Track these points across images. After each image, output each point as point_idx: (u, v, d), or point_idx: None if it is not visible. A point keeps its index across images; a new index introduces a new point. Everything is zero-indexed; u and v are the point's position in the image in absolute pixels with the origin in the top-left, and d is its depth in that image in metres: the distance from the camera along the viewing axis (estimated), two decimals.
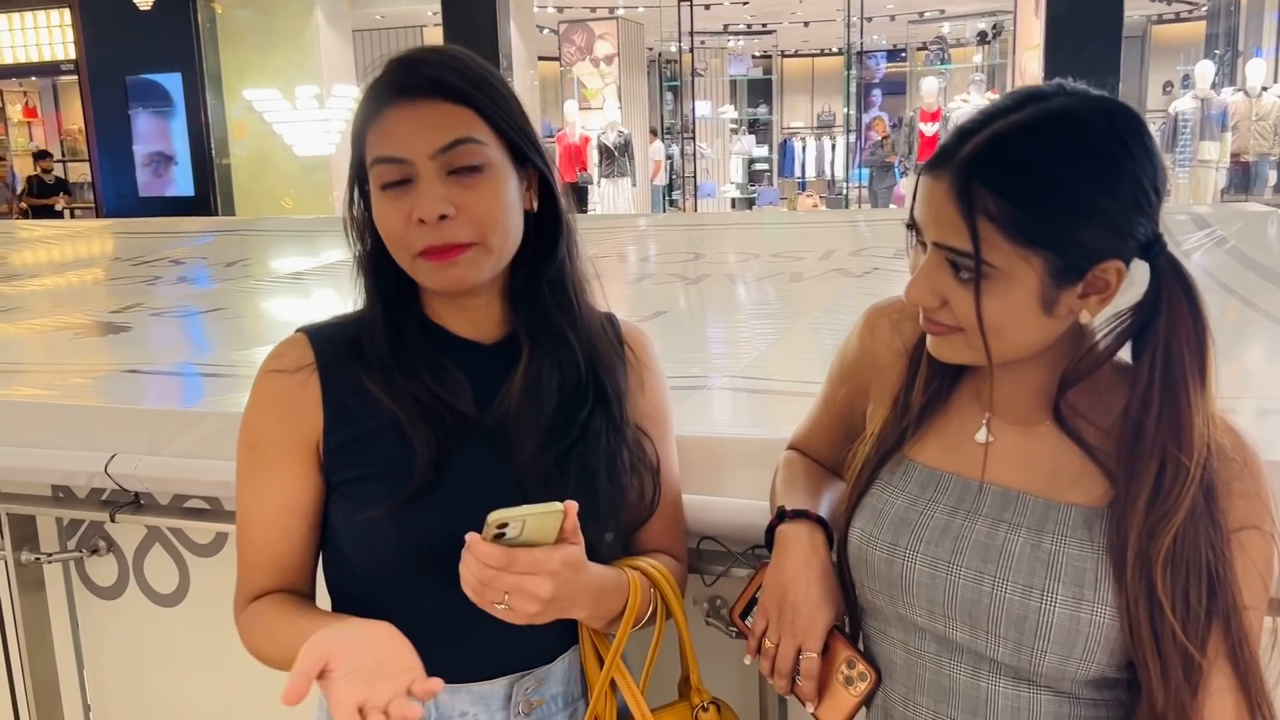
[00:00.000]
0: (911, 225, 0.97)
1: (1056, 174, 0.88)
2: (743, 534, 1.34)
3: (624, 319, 1.24)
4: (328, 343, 1.14)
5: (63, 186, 10.79)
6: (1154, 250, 0.91)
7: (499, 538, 0.95)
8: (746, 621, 1.15)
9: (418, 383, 1.09)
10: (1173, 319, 0.91)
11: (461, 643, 1.10)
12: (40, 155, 10.77)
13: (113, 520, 1.76)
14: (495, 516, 0.94)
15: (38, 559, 1.88)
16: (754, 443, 1.48)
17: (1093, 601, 0.93)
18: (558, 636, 1.15)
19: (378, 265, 1.12)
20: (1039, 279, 0.89)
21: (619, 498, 1.14)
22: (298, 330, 1.16)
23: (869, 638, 1.11)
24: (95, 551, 1.89)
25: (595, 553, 1.06)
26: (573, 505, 0.98)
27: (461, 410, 1.09)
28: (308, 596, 1.16)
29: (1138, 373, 0.93)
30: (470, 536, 0.95)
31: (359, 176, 1.10)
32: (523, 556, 0.95)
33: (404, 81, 1.05)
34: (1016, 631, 0.95)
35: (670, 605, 1.17)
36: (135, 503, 1.77)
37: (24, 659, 1.93)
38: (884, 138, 11.99)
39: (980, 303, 0.90)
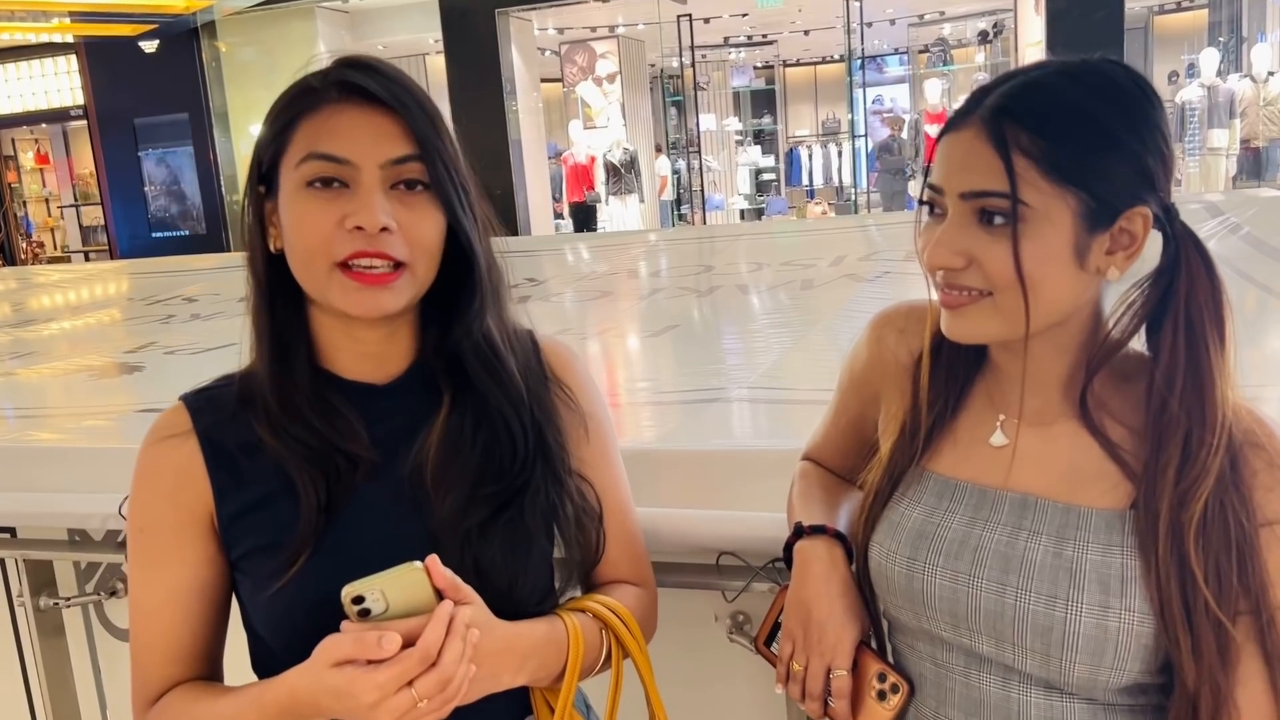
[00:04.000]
0: (924, 200, 0.95)
1: (1088, 112, 0.89)
2: (762, 547, 1.32)
3: (548, 335, 1.16)
4: (208, 405, 1.05)
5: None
6: (1169, 216, 0.91)
7: (365, 616, 0.87)
8: (772, 648, 1.12)
9: (305, 427, 1.00)
10: (1192, 283, 0.91)
11: None
12: None
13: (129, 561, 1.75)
14: (347, 591, 0.86)
15: (56, 604, 1.87)
16: (772, 454, 1.46)
17: (1119, 609, 0.90)
18: (514, 703, 1.05)
19: (272, 299, 1.03)
20: (1073, 221, 0.88)
21: (566, 552, 1.08)
22: (179, 399, 1.07)
23: (897, 652, 1.08)
24: (114, 594, 1.88)
25: (524, 614, 1.00)
26: (434, 559, 0.89)
27: (355, 453, 1.00)
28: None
29: (1160, 342, 0.92)
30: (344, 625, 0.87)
31: (263, 175, 1.01)
32: (404, 628, 0.86)
33: (357, 84, 0.97)
34: (1043, 643, 0.92)
35: (626, 646, 1.07)
36: None
37: (47, 704, 1.92)
38: (893, 134, 11.91)
39: (1017, 246, 0.88)
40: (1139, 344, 0.96)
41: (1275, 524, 0.89)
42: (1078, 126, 0.88)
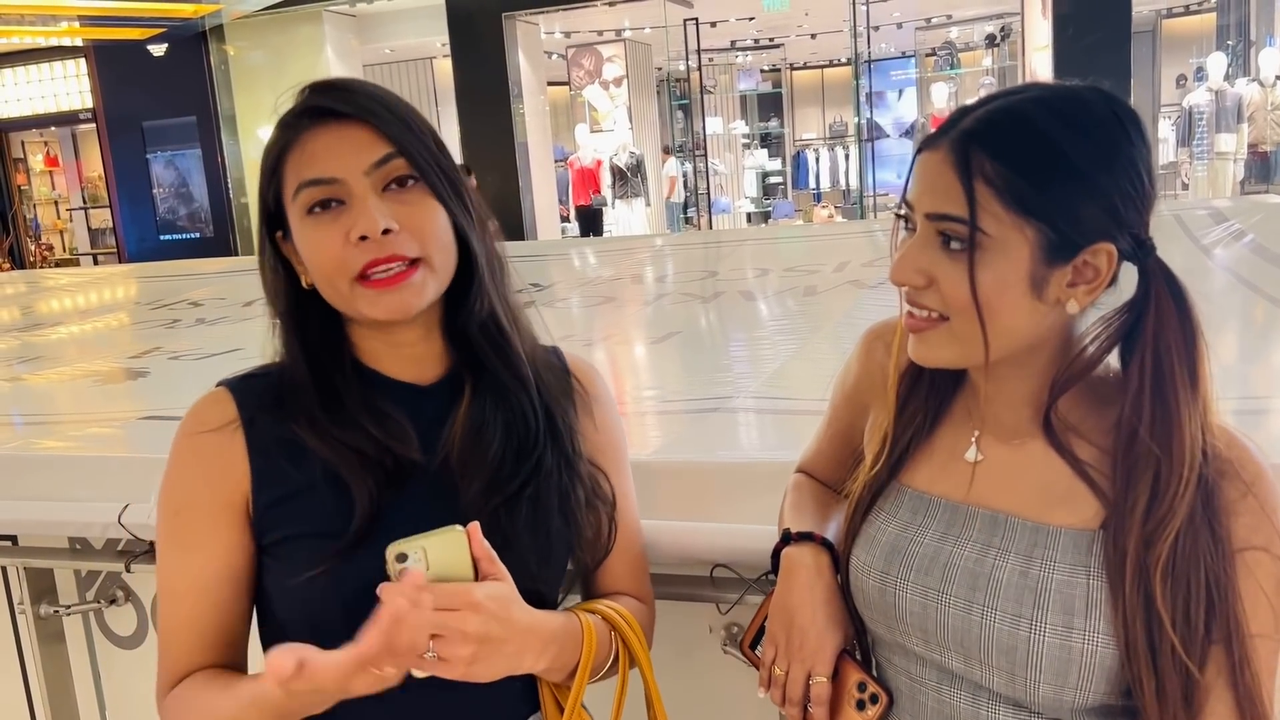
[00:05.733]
0: (900, 213, 0.95)
1: (1057, 144, 0.87)
2: (757, 560, 1.32)
3: (574, 353, 1.19)
4: (251, 395, 1.07)
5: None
6: (1143, 251, 0.90)
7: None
8: (757, 651, 1.12)
9: (359, 432, 1.02)
10: (1160, 320, 0.89)
11: (418, 714, 1.02)
12: None
13: (128, 570, 1.76)
14: (392, 549, 0.91)
15: (57, 611, 1.88)
16: (767, 466, 1.46)
17: (1083, 630, 0.89)
18: (521, 700, 1.08)
19: (299, 316, 1.06)
20: (1031, 253, 0.88)
21: (575, 537, 1.10)
22: (218, 384, 1.09)
23: (877, 664, 1.08)
24: (114, 602, 1.89)
25: (546, 603, 1.02)
26: (475, 526, 0.93)
27: (407, 456, 1.03)
28: (240, 670, 1.08)
29: (1128, 378, 0.91)
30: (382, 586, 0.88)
31: (271, 217, 1.05)
32: (438, 589, 0.89)
33: (323, 106, 1.01)
34: (1008, 661, 0.92)
35: (633, 650, 1.10)
36: (151, 552, 1.76)
37: (47, 711, 1.92)
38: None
39: (974, 274, 0.88)
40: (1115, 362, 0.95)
41: (1247, 550, 0.87)
42: (1044, 159, 0.87)
